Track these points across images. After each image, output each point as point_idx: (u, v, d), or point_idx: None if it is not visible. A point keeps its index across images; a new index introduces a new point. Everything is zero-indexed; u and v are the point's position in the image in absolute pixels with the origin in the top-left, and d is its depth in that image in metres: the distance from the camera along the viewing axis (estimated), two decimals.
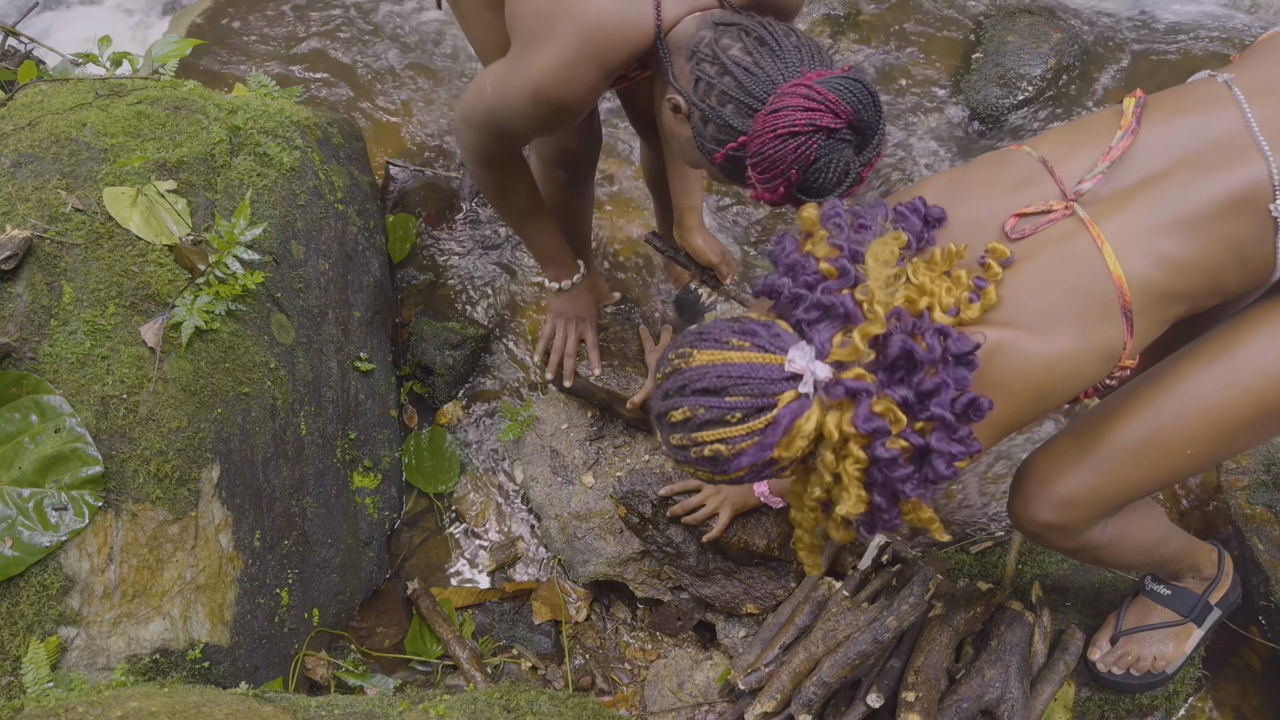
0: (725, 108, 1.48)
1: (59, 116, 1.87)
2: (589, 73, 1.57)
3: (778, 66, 1.46)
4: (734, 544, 1.97)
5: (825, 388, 1.28)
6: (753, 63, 1.46)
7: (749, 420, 1.28)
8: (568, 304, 2.12)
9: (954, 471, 1.29)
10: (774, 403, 1.27)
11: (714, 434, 1.30)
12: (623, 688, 2.05)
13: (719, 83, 1.48)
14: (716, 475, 1.34)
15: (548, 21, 1.56)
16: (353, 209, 2.32)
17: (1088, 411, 1.55)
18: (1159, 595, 1.83)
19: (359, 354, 2.27)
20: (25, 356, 1.61)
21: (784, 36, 1.48)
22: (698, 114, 1.52)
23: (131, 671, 1.58)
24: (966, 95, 2.94)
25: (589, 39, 1.54)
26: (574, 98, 1.60)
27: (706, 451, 1.31)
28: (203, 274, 1.80)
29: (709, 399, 1.29)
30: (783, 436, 1.27)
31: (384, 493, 2.27)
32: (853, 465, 1.28)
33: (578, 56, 1.55)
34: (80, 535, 1.56)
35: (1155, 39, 3.04)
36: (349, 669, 2.00)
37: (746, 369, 1.28)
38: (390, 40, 3.13)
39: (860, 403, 1.26)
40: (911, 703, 1.68)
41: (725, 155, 1.51)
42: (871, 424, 1.25)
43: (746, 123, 1.47)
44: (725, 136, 1.50)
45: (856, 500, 1.29)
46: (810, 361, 1.28)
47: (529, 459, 2.27)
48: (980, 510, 2.23)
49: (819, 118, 1.41)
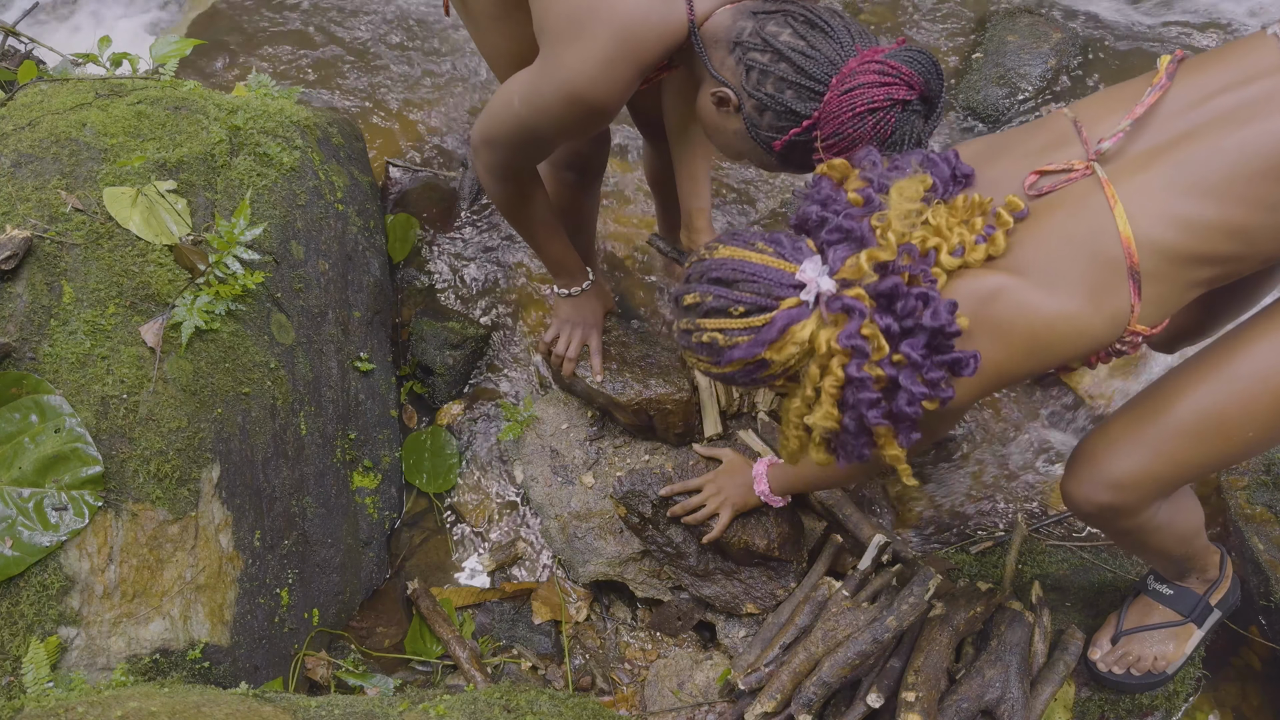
0: (785, 93, 1.48)
1: (59, 116, 1.87)
2: (625, 71, 1.55)
3: (834, 47, 1.46)
4: (734, 544, 1.97)
5: (826, 301, 1.34)
6: (807, 46, 1.47)
7: (749, 316, 1.36)
8: (574, 310, 2.12)
9: (916, 411, 1.33)
10: (775, 305, 1.35)
11: (716, 323, 1.38)
12: (623, 688, 2.05)
13: (775, 69, 1.48)
14: (711, 366, 1.42)
15: (579, 22, 1.54)
16: (353, 209, 2.32)
17: (1144, 390, 1.52)
18: (1161, 595, 1.83)
19: (359, 354, 2.27)
20: (25, 356, 1.61)
21: (831, 17, 1.49)
22: (752, 103, 1.51)
23: (131, 671, 1.58)
24: (966, 95, 2.94)
25: (624, 36, 1.53)
26: (610, 97, 1.58)
27: (705, 338, 1.40)
28: (203, 274, 1.80)
29: (719, 288, 1.38)
30: (776, 338, 1.35)
31: (384, 493, 2.27)
32: (831, 382, 1.33)
33: (613, 55, 1.54)
34: (80, 535, 1.56)
35: (1155, 39, 3.04)
36: (349, 669, 2.00)
37: (760, 269, 1.37)
38: (391, 41, 3.13)
39: (851, 320, 1.31)
40: (911, 703, 1.68)
41: (786, 142, 1.51)
42: (853, 341, 1.30)
43: (810, 106, 1.47)
44: (787, 123, 1.50)
45: (826, 415, 1.35)
46: (819, 275, 1.35)
47: (529, 459, 2.27)
48: (980, 510, 2.23)
49: (895, 91, 1.43)
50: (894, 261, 1.33)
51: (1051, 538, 2.14)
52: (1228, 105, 1.33)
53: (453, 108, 2.98)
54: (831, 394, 1.34)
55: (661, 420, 2.17)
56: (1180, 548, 1.68)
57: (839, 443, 1.41)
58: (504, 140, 1.73)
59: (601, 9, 1.53)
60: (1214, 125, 1.33)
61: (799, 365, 1.38)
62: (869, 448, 1.39)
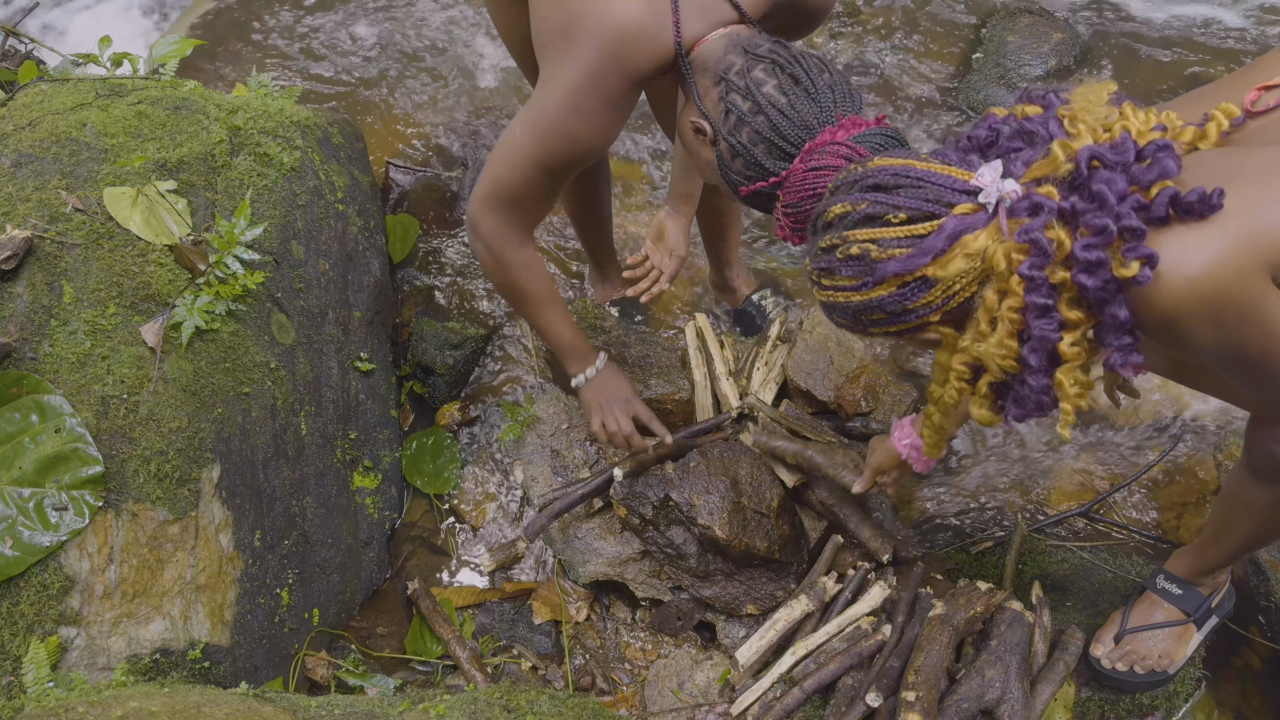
0: (756, 147, 1.47)
1: (59, 116, 1.87)
2: (613, 84, 1.55)
3: (812, 110, 1.45)
4: (735, 546, 1.97)
5: (1010, 207, 1.14)
6: (787, 104, 1.45)
7: (912, 223, 1.15)
8: (601, 390, 1.98)
9: (1102, 284, 1.10)
10: (945, 211, 1.15)
11: (867, 232, 1.16)
12: (623, 688, 2.05)
13: (751, 120, 1.47)
14: (853, 294, 1.19)
15: (572, 32, 1.54)
16: (353, 209, 2.32)
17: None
18: (1170, 594, 1.83)
19: (359, 354, 2.27)
20: (25, 356, 1.61)
21: (818, 74, 1.47)
22: (725, 146, 1.51)
23: (132, 671, 1.58)
24: (966, 95, 2.94)
25: (613, 49, 1.53)
26: (603, 110, 1.57)
27: (854, 249, 1.17)
28: (203, 274, 1.80)
29: (876, 194, 1.17)
30: (944, 249, 1.13)
31: (384, 493, 2.27)
32: (1010, 308, 1.13)
33: (602, 66, 1.53)
34: (80, 535, 1.56)
35: (1155, 39, 3.04)
36: (349, 669, 2.00)
37: (927, 173, 1.17)
38: (391, 41, 3.13)
39: (1039, 215, 1.12)
40: (911, 702, 1.68)
41: (752, 191, 1.51)
42: (1033, 235, 1.11)
43: (779, 165, 1.46)
44: (754, 174, 1.49)
45: (1001, 345, 1.14)
46: (998, 178, 1.16)
47: (529, 459, 2.27)
48: (980, 510, 2.23)
49: None
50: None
51: (1051, 538, 2.14)
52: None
53: (452, 108, 2.98)
54: (1011, 319, 1.13)
55: (661, 420, 2.17)
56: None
57: (1015, 393, 1.20)
58: (506, 189, 1.69)
59: (589, 17, 1.53)
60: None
61: (967, 292, 1.16)
62: (1049, 393, 1.17)
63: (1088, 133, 1.16)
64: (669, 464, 2.06)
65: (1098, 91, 1.21)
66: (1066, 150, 1.15)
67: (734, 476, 2.02)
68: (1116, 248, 1.12)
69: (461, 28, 3.18)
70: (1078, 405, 1.18)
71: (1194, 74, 2.95)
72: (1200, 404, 2.27)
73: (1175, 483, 2.20)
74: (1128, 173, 1.13)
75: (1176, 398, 2.29)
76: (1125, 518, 2.17)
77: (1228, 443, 2.18)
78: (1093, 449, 2.26)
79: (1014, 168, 1.17)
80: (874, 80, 3.01)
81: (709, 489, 2.00)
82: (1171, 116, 1.22)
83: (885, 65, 3.04)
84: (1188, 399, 2.28)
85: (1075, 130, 1.17)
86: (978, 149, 1.23)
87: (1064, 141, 1.15)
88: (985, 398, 1.23)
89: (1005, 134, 1.21)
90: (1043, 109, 1.22)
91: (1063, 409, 1.19)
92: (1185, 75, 2.95)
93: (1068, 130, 1.18)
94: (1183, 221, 1.12)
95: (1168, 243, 1.11)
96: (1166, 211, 1.11)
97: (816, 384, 2.19)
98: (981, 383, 1.22)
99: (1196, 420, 2.25)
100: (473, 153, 2.81)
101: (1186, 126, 1.21)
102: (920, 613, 1.86)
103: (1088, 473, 2.23)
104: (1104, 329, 1.16)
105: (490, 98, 3.02)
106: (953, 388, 1.25)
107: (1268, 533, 1.61)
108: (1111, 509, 2.18)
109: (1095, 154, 1.14)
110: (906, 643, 1.84)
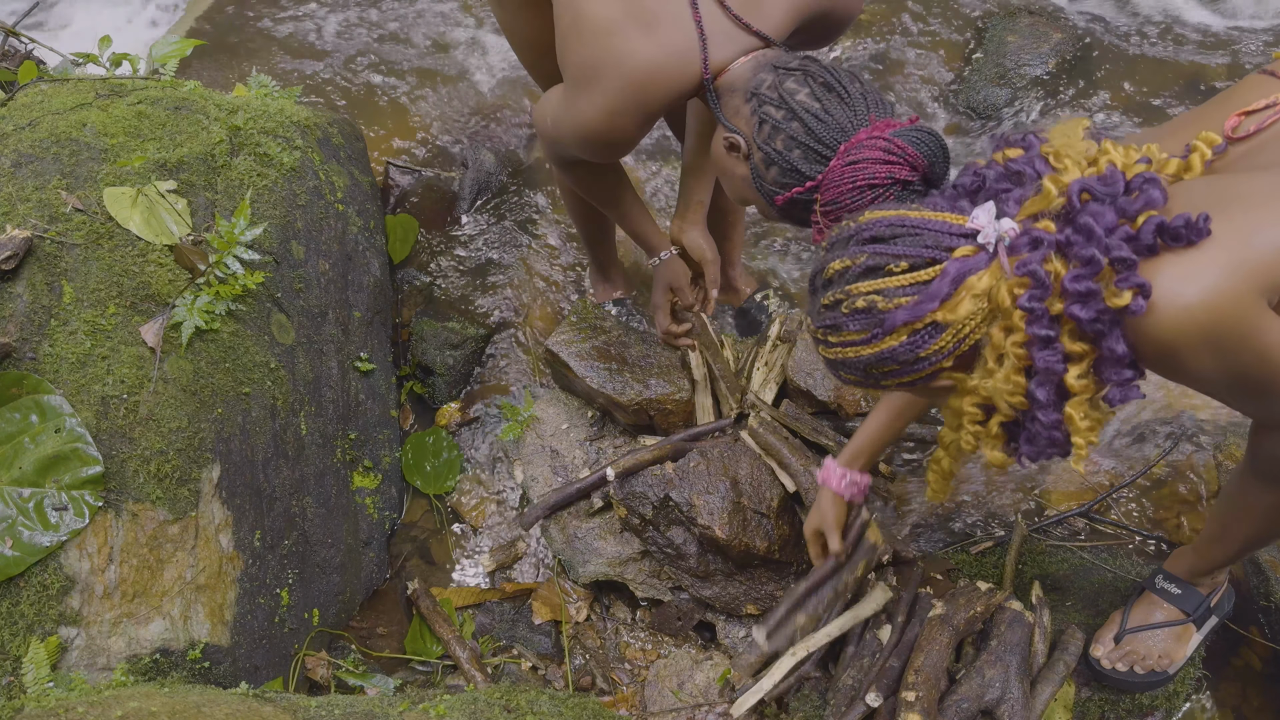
0: (793, 153, 1.49)
1: (59, 116, 1.87)
2: (633, 120, 1.64)
3: (847, 113, 1.47)
4: (735, 546, 1.97)
5: (1009, 244, 1.15)
6: (821, 109, 1.48)
7: (915, 270, 1.16)
8: (670, 270, 2.07)
9: (1099, 319, 1.11)
10: (945, 255, 1.16)
11: (871, 284, 1.17)
12: (623, 688, 2.05)
13: (786, 127, 1.49)
14: (863, 347, 1.19)
15: (594, 71, 1.61)
16: (353, 209, 2.32)
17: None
18: (1169, 593, 1.83)
19: (359, 354, 2.27)
20: (25, 356, 1.61)
21: (850, 82, 1.50)
22: (760, 156, 1.53)
23: (131, 671, 1.58)
24: (966, 95, 2.94)
25: (633, 91, 1.59)
26: (624, 138, 1.68)
27: (860, 303, 1.17)
28: (203, 274, 1.80)
29: (875, 245, 1.18)
30: (950, 292, 1.14)
31: (384, 493, 2.27)
32: (1015, 343, 1.14)
33: (621, 106, 1.61)
34: (80, 535, 1.56)
35: (1155, 39, 3.04)
36: (349, 669, 2.00)
37: (923, 221, 1.18)
38: (391, 41, 3.13)
39: (1039, 249, 1.13)
40: (911, 702, 1.68)
41: (788, 198, 1.52)
42: (1031, 267, 1.12)
43: (815, 169, 1.48)
44: (791, 180, 1.51)
45: (1008, 381, 1.14)
46: (993, 219, 1.17)
47: (529, 459, 2.27)
48: (980, 510, 2.23)
49: (898, 171, 1.42)
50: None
51: (1051, 538, 2.14)
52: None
53: (452, 108, 2.98)
54: (1017, 354, 1.14)
55: (662, 420, 2.17)
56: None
57: (1025, 432, 1.20)
58: (548, 140, 1.83)
59: (613, 62, 1.59)
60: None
61: (977, 334, 1.17)
62: (1060, 429, 1.17)
63: (1074, 166, 1.18)
64: (669, 464, 2.06)
65: (1073, 127, 1.23)
66: (1058, 184, 1.16)
67: (734, 477, 2.02)
68: (1109, 279, 1.13)
69: (462, 27, 3.18)
70: (1090, 440, 1.18)
71: (1193, 74, 2.95)
72: (1200, 404, 2.27)
73: (1175, 483, 2.20)
74: (1115, 204, 1.15)
75: (1177, 398, 2.29)
76: (1125, 518, 2.17)
77: (1228, 443, 2.19)
78: (1092, 449, 2.26)
79: (1007, 207, 1.19)
80: (872, 78, 3.01)
81: (709, 489, 2.00)
82: (1153, 149, 1.24)
83: (885, 66, 3.04)
84: (1187, 400, 2.28)
85: (1061, 165, 1.19)
86: (966, 195, 1.24)
87: (1054, 176, 1.17)
88: (997, 438, 1.24)
89: (991, 178, 1.22)
90: (1024, 150, 1.23)
91: (1075, 444, 1.19)
92: (1185, 75, 2.95)
93: (1054, 165, 1.20)
94: (1173, 250, 1.13)
95: (1162, 273, 1.12)
96: (1155, 240, 1.12)
97: (817, 384, 2.20)
98: (992, 423, 1.22)
99: (1196, 420, 2.25)
100: (473, 153, 2.81)
101: (1170, 159, 1.23)
102: (920, 613, 1.87)
103: (1087, 473, 2.23)
104: (1103, 363, 1.17)
105: (491, 98, 3.02)
106: (967, 432, 1.25)
107: (1269, 533, 1.62)
108: (1111, 509, 2.18)
109: (1085, 186, 1.16)
110: (906, 643, 1.84)
